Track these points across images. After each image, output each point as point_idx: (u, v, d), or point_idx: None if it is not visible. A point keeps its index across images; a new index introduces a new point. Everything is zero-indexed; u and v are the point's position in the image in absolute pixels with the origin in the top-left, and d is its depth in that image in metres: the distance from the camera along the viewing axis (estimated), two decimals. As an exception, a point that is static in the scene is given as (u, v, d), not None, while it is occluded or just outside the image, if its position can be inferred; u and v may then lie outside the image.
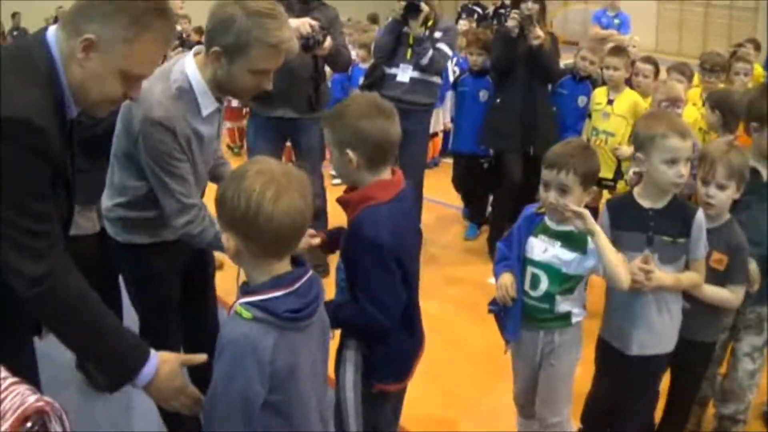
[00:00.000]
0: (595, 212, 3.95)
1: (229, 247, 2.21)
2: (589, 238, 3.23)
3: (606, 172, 6.18)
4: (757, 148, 3.84)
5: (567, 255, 3.33)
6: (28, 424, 1.85)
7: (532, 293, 3.44)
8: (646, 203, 3.45)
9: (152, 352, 2.44)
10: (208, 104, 3.11)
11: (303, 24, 5.35)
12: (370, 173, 2.88)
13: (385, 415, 3.20)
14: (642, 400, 3.65)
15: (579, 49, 7.20)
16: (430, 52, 6.29)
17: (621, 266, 3.21)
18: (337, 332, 2.96)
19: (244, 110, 10.53)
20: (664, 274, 3.36)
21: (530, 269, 3.44)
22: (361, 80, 7.55)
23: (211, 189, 2.52)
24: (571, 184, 3.23)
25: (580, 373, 3.64)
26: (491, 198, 7.57)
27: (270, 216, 2.12)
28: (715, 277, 3.53)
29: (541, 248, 3.41)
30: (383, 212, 2.83)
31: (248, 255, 2.22)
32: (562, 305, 3.41)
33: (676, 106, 5.35)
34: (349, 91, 9.06)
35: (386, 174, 2.94)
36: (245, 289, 2.25)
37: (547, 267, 3.39)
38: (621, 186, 6.03)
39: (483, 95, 7.23)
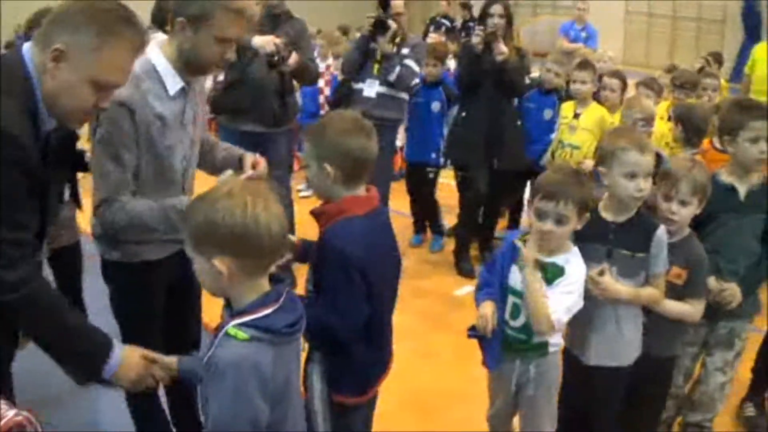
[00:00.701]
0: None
1: (221, 273, 2.17)
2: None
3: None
4: (734, 163, 3.86)
5: (547, 287, 3.26)
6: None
7: (512, 323, 3.40)
8: (608, 216, 3.46)
9: (116, 345, 2.53)
10: (173, 83, 3.11)
11: (267, 42, 5.47)
12: (345, 188, 2.93)
13: (356, 426, 3.20)
14: (604, 412, 3.66)
15: (544, 62, 7.24)
16: (398, 68, 6.38)
17: (542, 313, 3.19)
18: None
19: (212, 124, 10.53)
20: (623, 287, 3.38)
21: (511, 299, 3.39)
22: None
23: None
24: (569, 214, 3.18)
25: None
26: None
27: (267, 225, 2.16)
28: (675, 291, 3.53)
29: (522, 279, 3.33)
30: (355, 225, 2.89)
31: (241, 275, 2.21)
32: (541, 337, 3.38)
33: (650, 125, 5.39)
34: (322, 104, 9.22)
35: (361, 190, 3.00)
36: (234, 311, 2.25)
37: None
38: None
39: (435, 106, 7.29)
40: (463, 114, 6.82)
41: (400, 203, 7.70)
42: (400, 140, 8.48)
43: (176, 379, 2.68)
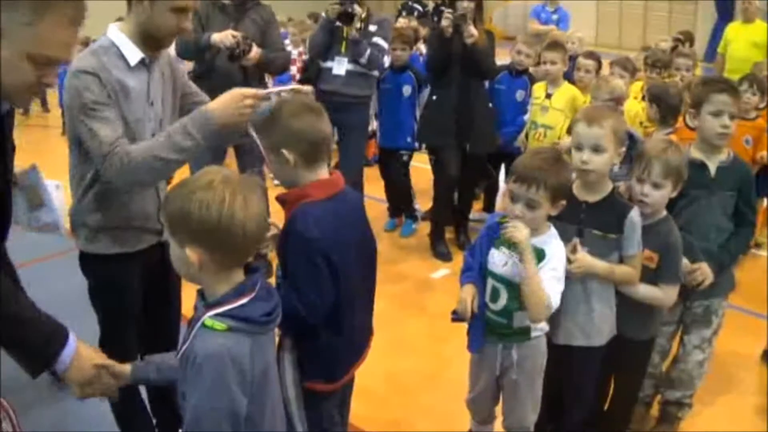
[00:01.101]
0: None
1: (192, 262, 2.15)
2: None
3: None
4: (700, 139, 3.83)
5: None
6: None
7: (492, 306, 3.35)
8: (581, 195, 3.43)
9: (71, 335, 2.46)
10: (133, 54, 3.13)
11: (225, 36, 5.50)
12: (308, 171, 2.91)
13: (329, 414, 3.16)
14: (578, 393, 3.65)
15: (514, 44, 7.23)
16: (368, 50, 6.40)
17: (542, 302, 3.14)
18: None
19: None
20: (598, 262, 3.35)
21: (491, 282, 3.35)
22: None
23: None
24: (540, 200, 3.13)
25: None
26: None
27: (243, 223, 2.12)
28: (647, 275, 3.49)
29: (501, 261, 3.30)
30: (317, 209, 2.86)
31: (213, 266, 2.17)
32: (522, 320, 3.32)
33: (620, 104, 5.36)
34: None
35: (324, 173, 2.97)
36: (209, 302, 2.21)
37: (506, 281, 3.29)
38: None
39: (406, 90, 7.27)
40: (434, 97, 6.81)
41: (374, 189, 7.72)
42: (373, 125, 8.53)
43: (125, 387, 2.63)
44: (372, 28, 6.53)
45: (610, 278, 3.42)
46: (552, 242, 3.24)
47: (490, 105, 6.86)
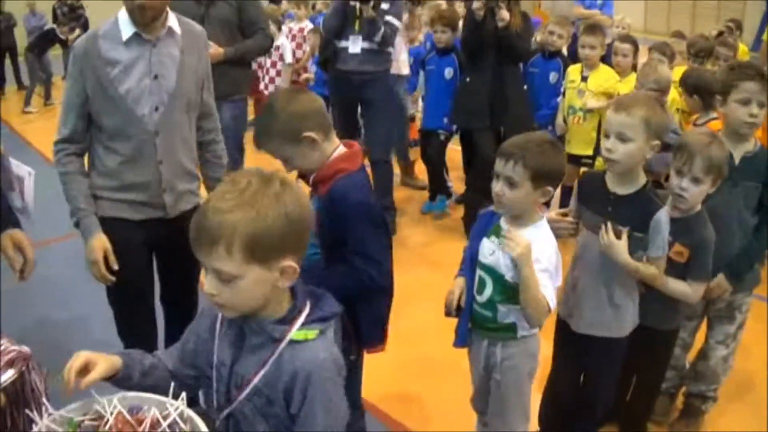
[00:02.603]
0: (571, 191, 3.78)
1: (288, 278, 1.99)
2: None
3: (584, 149, 6.15)
4: (727, 127, 3.75)
5: (510, 260, 3.05)
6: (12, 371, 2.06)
7: (478, 298, 3.22)
8: (611, 186, 3.30)
9: None
10: (127, 30, 3.29)
11: None
12: (329, 142, 2.97)
13: (359, 384, 3.26)
14: (598, 383, 3.57)
15: (546, 25, 7.17)
16: (382, 29, 6.51)
17: (541, 304, 2.98)
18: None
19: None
20: (624, 254, 3.19)
21: (478, 272, 3.21)
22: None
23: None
24: (518, 178, 2.98)
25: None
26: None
27: (308, 204, 2.08)
28: (676, 269, 3.38)
29: (489, 250, 3.17)
30: (359, 179, 2.97)
31: (293, 276, 2.01)
32: (507, 315, 3.16)
33: (665, 93, 5.29)
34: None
35: (336, 139, 3.03)
36: (280, 318, 2.04)
37: (491, 271, 3.14)
38: (599, 163, 5.93)
39: (448, 73, 7.23)
40: (467, 80, 6.81)
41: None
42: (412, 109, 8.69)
43: None
44: (384, 6, 6.59)
45: (632, 274, 3.29)
46: (540, 236, 3.07)
47: (525, 88, 6.84)
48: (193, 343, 2.24)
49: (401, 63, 7.77)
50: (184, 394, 2.02)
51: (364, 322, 3.05)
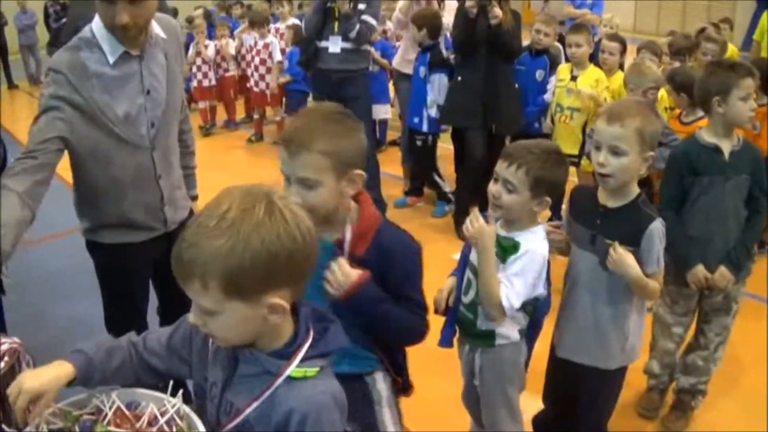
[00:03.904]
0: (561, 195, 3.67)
1: (280, 311, 1.79)
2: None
3: (571, 148, 6.17)
4: (717, 124, 3.76)
5: (501, 265, 2.97)
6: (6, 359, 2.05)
7: (464, 299, 3.16)
8: (602, 199, 3.15)
9: None
10: (113, 50, 3.06)
11: None
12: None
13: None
14: (580, 416, 3.41)
15: (533, 23, 7.20)
16: (357, 26, 6.76)
17: (493, 293, 2.91)
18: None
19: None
20: (635, 267, 3.01)
21: (467, 273, 3.15)
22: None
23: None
24: (517, 183, 2.90)
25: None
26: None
27: (309, 230, 1.80)
28: None
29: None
30: (391, 224, 2.74)
31: (284, 313, 1.82)
32: (486, 322, 3.08)
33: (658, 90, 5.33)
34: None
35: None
36: (284, 354, 1.84)
37: (476, 271, 3.05)
38: (585, 164, 5.98)
39: (422, 71, 7.32)
40: (459, 78, 6.84)
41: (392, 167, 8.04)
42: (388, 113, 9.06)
43: None
44: (361, 6, 6.85)
45: (639, 290, 3.09)
46: (532, 240, 2.98)
47: (516, 86, 6.87)
48: (181, 338, 2.09)
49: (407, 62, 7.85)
50: (181, 392, 1.97)
51: (399, 366, 2.89)
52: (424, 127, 7.31)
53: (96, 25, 3.07)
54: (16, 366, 2.08)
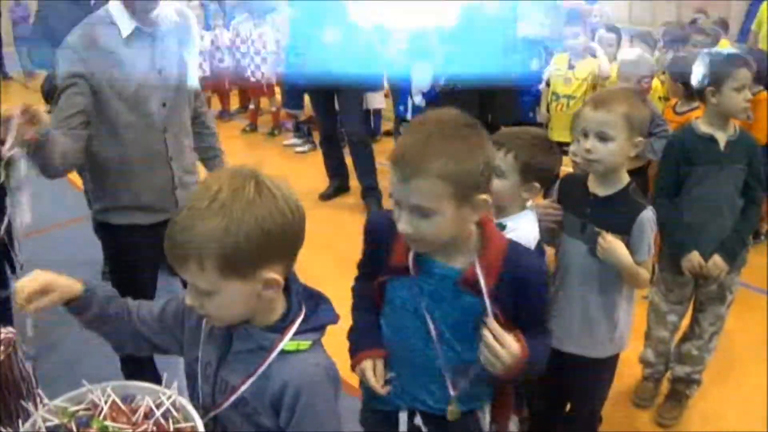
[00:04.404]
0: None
1: (274, 286, 1.81)
2: None
3: (567, 136, 6.17)
4: (713, 114, 3.76)
5: None
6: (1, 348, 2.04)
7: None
8: (592, 187, 3.10)
9: None
10: (126, 25, 3.12)
11: None
12: None
13: None
14: (577, 399, 3.43)
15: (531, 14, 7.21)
16: None
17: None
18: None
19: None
20: (626, 254, 2.96)
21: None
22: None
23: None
24: (505, 168, 2.90)
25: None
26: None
27: (297, 205, 1.83)
28: None
29: None
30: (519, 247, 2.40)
31: (278, 287, 1.85)
32: None
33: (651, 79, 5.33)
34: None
35: None
36: (277, 328, 1.87)
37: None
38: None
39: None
40: (456, 69, 6.81)
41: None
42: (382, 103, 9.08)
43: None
44: None
45: (630, 278, 3.05)
46: (519, 221, 2.95)
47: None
48: (172, 315, 2.09)
49: None
50: (176, 383, 1.95)
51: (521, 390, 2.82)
52: (409, 116, 7.30)
53: (112, 3, 3.14)
54: (12, 356, 2.08)
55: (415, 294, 2.28)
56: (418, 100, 7.13)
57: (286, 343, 1.85)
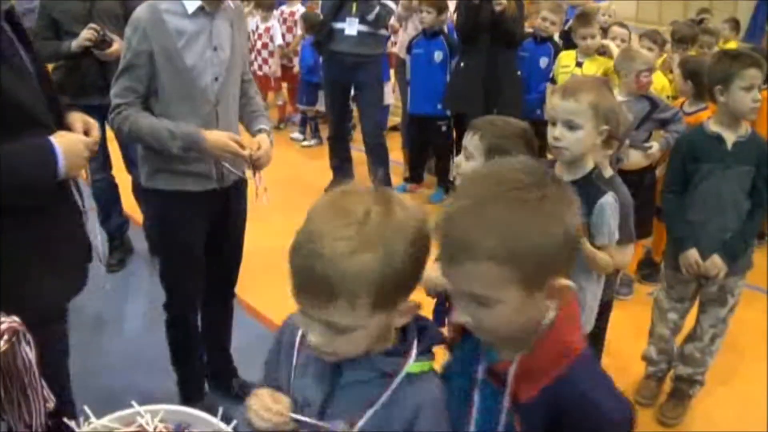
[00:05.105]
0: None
1: (412, 313, 1.67)
2: None
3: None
4: (723, 113, 3.77)
5: None
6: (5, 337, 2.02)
7: None
8: (558, 172, 3.05)
9: (51, 142, 2.49)
10: (192, 3, 3.30)
11: (87, 34, 5.14)
12: None
13: None
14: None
15: (539, 11, 7.19)
16: (377, 8, 6.59)
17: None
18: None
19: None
20: (586, 243, 2.96)
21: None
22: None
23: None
24: (473, 150, 2.97)
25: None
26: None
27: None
28: None
29: None
30: (597, 366, 1.74)
31: (413, 312, 1.69)
32: None
33: (651, 74, 5.30)
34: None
35: None
36: (395, 352, 1.69)
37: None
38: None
39: (437, 56, 7.29)
40: (462, 64, 6.86)
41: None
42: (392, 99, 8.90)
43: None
44: None
45: (589, 261, 3.01)
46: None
47: (518, 72, 6.89)
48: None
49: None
50: (235, 422, 1.82)
51: None
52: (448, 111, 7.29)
53: None
54: (16, 345, 2.07)
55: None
56: None
57: (411, 365, 1.66)
